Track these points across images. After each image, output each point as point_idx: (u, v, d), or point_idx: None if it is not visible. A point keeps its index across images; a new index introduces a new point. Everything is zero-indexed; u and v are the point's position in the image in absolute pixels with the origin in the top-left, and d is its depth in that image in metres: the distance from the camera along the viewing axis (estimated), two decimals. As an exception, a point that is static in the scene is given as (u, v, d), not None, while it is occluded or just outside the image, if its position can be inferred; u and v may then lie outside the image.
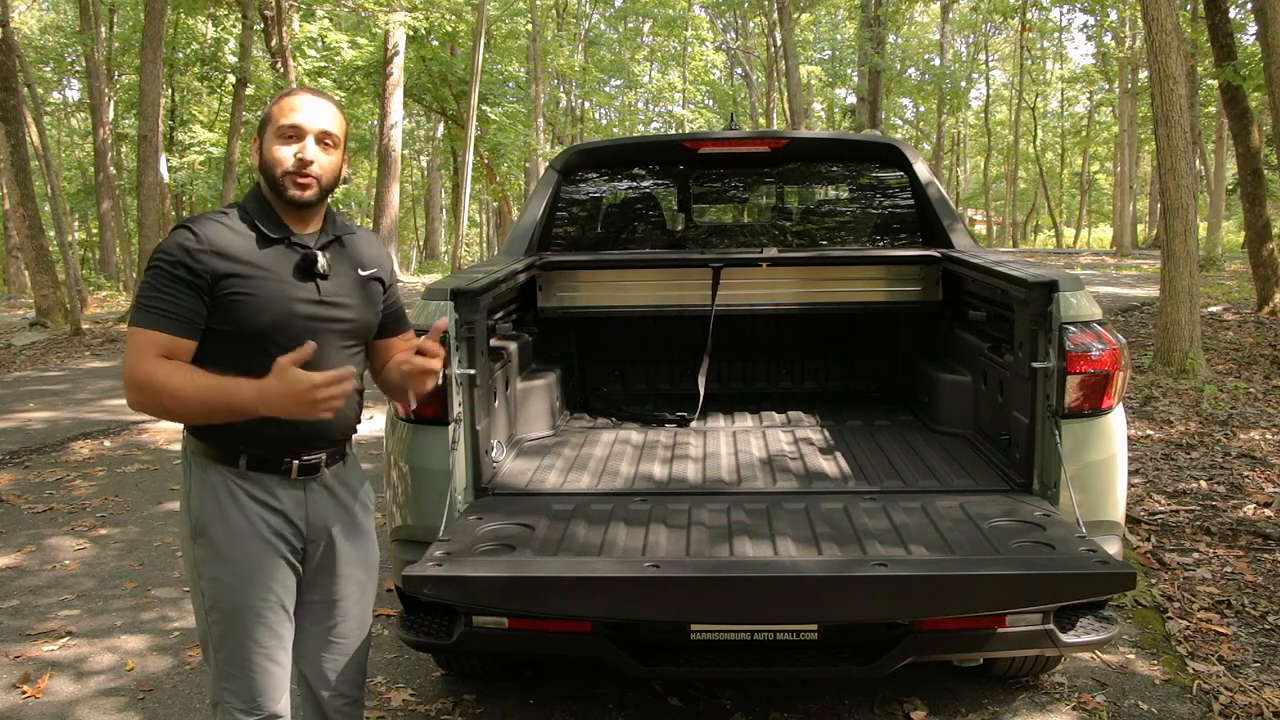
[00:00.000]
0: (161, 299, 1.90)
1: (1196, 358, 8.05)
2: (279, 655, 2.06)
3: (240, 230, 1.98)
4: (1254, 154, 12.15)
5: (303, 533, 2.08)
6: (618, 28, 37.74)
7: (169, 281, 1.90)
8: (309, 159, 2.00)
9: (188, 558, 2.05)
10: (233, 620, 2.00)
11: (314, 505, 2.09)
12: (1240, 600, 3.79)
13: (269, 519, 2.02)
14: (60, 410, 8.23)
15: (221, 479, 2.00)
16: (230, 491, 1.99)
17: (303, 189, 2.00)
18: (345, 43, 21.87)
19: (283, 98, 2.05)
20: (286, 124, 2.00)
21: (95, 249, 28.41)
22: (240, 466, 2.00)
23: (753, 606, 2.31)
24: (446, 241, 32.35)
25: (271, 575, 2.02)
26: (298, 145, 2.00)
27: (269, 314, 1.96)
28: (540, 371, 3.84)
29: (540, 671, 3.34)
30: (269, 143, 2.01)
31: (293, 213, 2.04)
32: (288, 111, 2.00)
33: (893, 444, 3.42)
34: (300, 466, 2.04)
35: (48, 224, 16.10)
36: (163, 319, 1.90)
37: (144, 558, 4.58)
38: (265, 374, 1.87)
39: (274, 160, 2.00)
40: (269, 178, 2.01)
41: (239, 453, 1.99)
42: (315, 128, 2.01)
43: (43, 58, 27.40)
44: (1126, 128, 30.19)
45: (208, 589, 2.01)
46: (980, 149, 45.94)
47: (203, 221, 1.97)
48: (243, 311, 1.94)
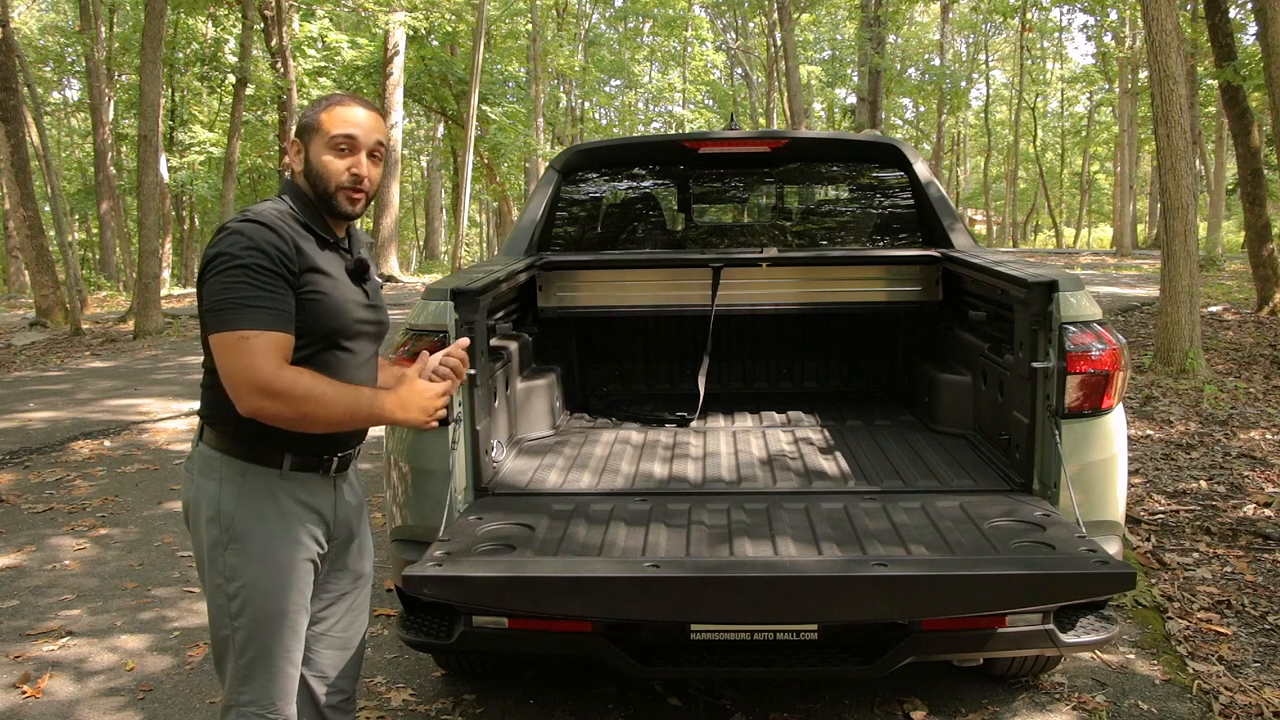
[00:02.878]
0: (269, 295, 1.85)
1: (1196, 358, 8.05)
2: (298, 657, 2.07)
3: (299, 231, 1.98)
4: (1254, 154, 12.15)
5: (331, 530, 2.10)
6: (618, 28, 37.74)
7: (272, 278, 1.86)
8: (364, 174, 2.00)
9: (213, 564, 1.99)
10: (262, 625, 1.98)
11: (341, 502, 2.12)
12: (1240, 600, 3.79)
13: (307, 520, 2.02)
14: (60, 410, 8.23)
15: (263, 482, 1.98)
16: (272, 494, 1.98)
17: (354, 203, 2.02)
18: (345, 43, 21.89)
19: (333, 106, 2.01)
20: (340, 135, 1.98)
21: (95, 249, 28.42)
22: (284, 468, 1.98)
23: (753, 606, 2.31)
24: (446, 241, 32.36)
25: (303, 579, 2.03)
26: (352, 159, 1.99)
27: (337, 316, 1.98)
28: (540, 371, 3.84)
29: (540, 671, 3.34)
30: (319, 152, 1.99)
31: (333, 220, 2.05)
32: (340, 123, 1.98)
33: (893, 444, 3.41)
34: (339, 462, 2.07)
35: (48, 224, 16.11)
36: (278, 318, 1.86)
37: (144, 558, 4.58)
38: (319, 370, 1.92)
39: (327, 172, 1.98)
40: (320, 188, 2.00)
41: (283, 453, 1.97)
42: (369, 141, 2.01)
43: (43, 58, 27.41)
44: (1126, 128, 30.18)
45: (237, 593, 1.97)
46: (980, 149, 45.94)
47: (270, 217, 1.94)
48: (317, 312, 1.95)
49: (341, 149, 1.98)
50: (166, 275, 20.91)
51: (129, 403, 8.54)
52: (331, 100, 2.04)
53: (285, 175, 2.11)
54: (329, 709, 2.22)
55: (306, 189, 2.02)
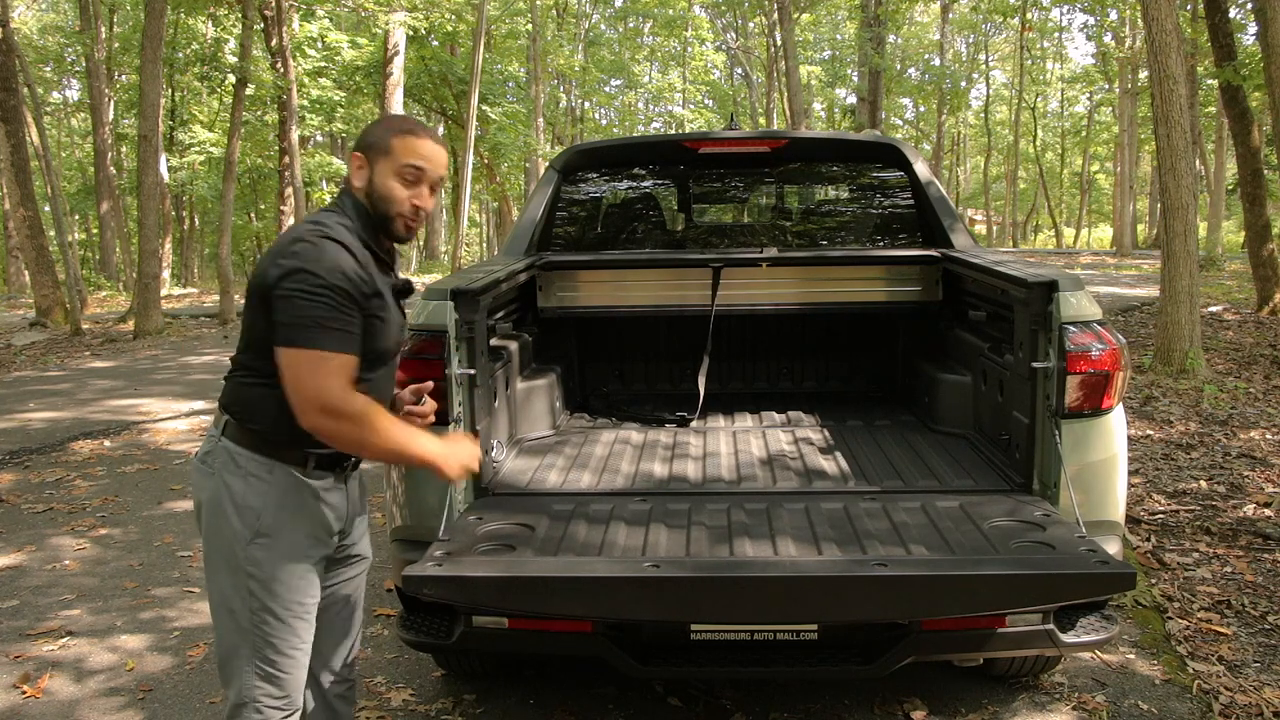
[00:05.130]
0: (346, 320, 1.90)
1: (1196, 358, 8.05)
2: (310, 651, 2.11)
3: (366, 253, 2.00)
4: (1254, 154, 12.15)
5: (344, 526, 2.14)
6: (618, 28, 37.74)
7: (349, 302, 1.91)
8: (426, 207, 2.05)
9: (235, 559, 1.99)
10: (283, 620, 2.01)
11: (350, 500, 2.15)
12: (1240, 600, 3.79)
13: (325, 518, 2.06)
14: (60, 410, 8.23)
15: (289, 480, 2.00)
16: (298, 492, 2.01)
17: (410, 231, 2.06)
18: (345, 43, 21.88)
19: (406, 135, 2.03)
20: (410, 165, 2.01)
21: (95, 249, 28.42)
22: (308, 466, 2.02)
23: (753, 606, 2.31)
24: (446, 241, 32.35)
25: (317, 575, 2.08)
26: (416, 190, 2.03)
27: (389, 337, 2.04)
28: (540, 371, 3.84)
29: (540, 671, 3.34)
30: (386, 176, 2.01)
31: (388, 241, 2.09)
32: (413, 154, 2.01)
33: (893, 444, 3.41)
34: (354, 463, 2.13)
35: (48, 224, 16.11)
36: (351, 341, 1.91)
37: (144, 558, 4.58)
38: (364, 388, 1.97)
39: (391, 197, 2.01)
40: (381, 211, 2.03)
41: (309, 453, 2.01)
42: (435, 176, 2.05)
43: (43, 58, 27.41)
44: (1126, 128, 30.19)
45: (259, 589, 1.99)
46: (980, 149, 45.94)
47: (347, 237, 1.96)
48: (378, 333, 2.00)
49: (409, 179, 2.02)
50: (166, 275, 20.92)
51: (129, 403, 8.55)
52: (405, 127, 2.06)
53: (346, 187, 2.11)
54: (335, 698, 2.25)
55: (366, 205, 2.04)
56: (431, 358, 2.65)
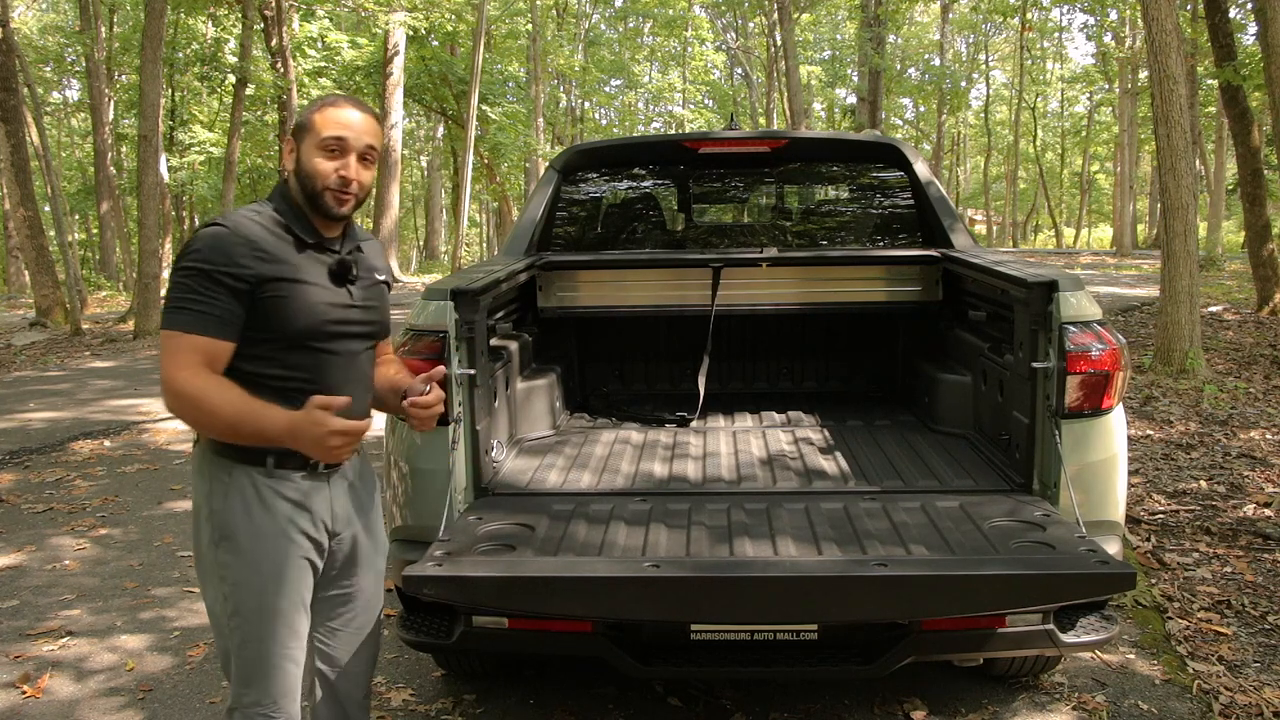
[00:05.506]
0: (201, 300, 1.88)
1: (1196, 358, 8.05)
2: (299, 655, 2.07)
3: (278, 232, 1.98)
4: (1254, 154, 12.15)
5: (328, 527, 2.09)
6: (618, 28, 37.74)
7: (208, 283, 1.88)
8: (352, 177, 2.00)
9: (208, 564, 2.01)
10: (257, 623, 1.99)
11: (338, 499, 2.11)
12: (1240, 600, 3.79)
13: (296, 517, 2.02)
14: (60, 410, 8.23)
15: (248, 480, 1.98)
16: (258, 492, 1.98)
17: (342, 204, 2.02)
18: (345, 43, 21.87)
19: (326, 107, 2.02)
20: (331, 136, 1.99)
21: (95, 249, 28.42)
22: (268, 465, 1.99)
23: (753, 606, 2.31)
24: (446, 241, 32.36)
25: (296, 576, 2.03)
26: (340, 161, 1.99)
27: (306, 318, 1.98)
28: (540, 371, 3.84)
29: (540, 671, 3.34)
30: (310, 153, 2.00)
31: (323, 220, 2.05)
32: (332, 124, 1.99)
33: (893, 444, 3.41)
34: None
35: (48, 224, 16.11)
36: (202, 321, 1.88)
37: (144, 558, 4.58)
38: (299, 374, 1.95)
39: (316, 173, 1.99)
40: (309, 189, 2.01)
41: (266, 453, 1.98)
42: (360, 144, 2.01)
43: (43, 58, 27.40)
44: (1126, 128, 30.19)
45: (231, 593, 1.99)
46: (980, 149, 45.94)
47: (241, 221, 1.96)
48: (282, 315, 1.95)
49: (332, 150, 1.99)
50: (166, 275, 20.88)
51: (129, 403, 8.55)
52: (326, 101, 2.05)
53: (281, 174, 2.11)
54: (351, 704, 2.23)
55: (296, 189, 2.03)
56: (431, 358, 2.66)
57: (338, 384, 2.03)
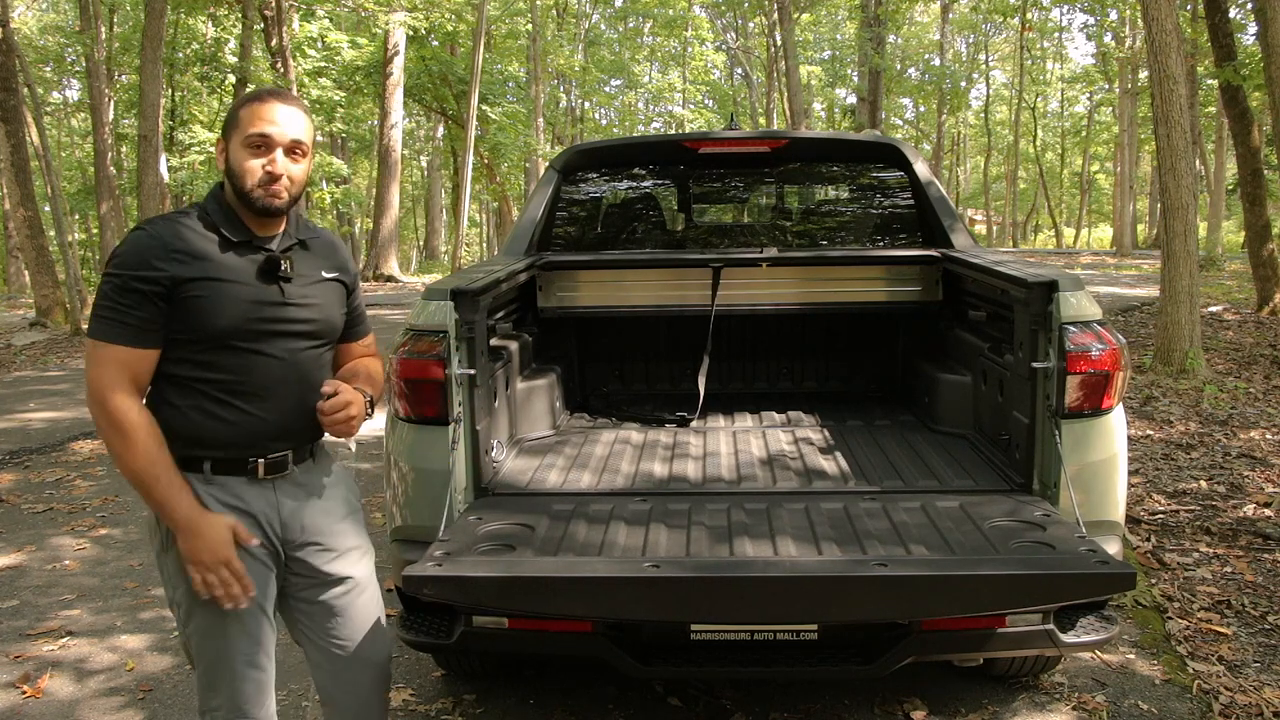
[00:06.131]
0: (118, 309, 1.87)
1: (1196, 358, 8.05)
2: (261, 660, 2.03)
3: (201, 232, 1.95)
4: (1254, 154, 12.15)
5: (277, 533, 2.05)
6: (618, 28, 37.72)
7: (126, 293, 1.87)
8: (279, 173, 1.96)
9: (161, 571, 2.02)
10: (210, 629, 1.97)
11: (288, 505, 2.06)
12: (1240, 600, 3.79)
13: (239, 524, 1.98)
14: (60, 410, 8.23)
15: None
16: (197, 499, 1.95)
17: (274, 198, 1.97)
18: (345, 43, 21.86)
19: (250, 103, 1.98)
20: (255, 134, 1.95)
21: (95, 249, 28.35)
22: (205, 471, 1.97)
23: (753, 606, 2.30)
24: (446, 241, 32.35)
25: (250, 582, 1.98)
26: (266, 158, 1.95)
27: (228, 317, 1.94)
28: (540, 371, 3.84)
29: (540, 671, 3.34)
30: (236, 150, 1.97)
31: (257, 217, 2.01)
32: (256, 120, 1.95)
33: (893, 444, 3.41)
34: (267, 465, 2.02)
35: (48, 224, 16.10)
36: (120, 330, 1.87)
37: (144, 558, 4.58)
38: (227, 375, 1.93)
39: (242, 170, 1.96)
40: (237, 187, 1.97)
41: (202, 458, 1.97)
42: (285, 139, 1.97)
43: (43, 58, 27.38)
44: (1126, 128, 30.18)
45: (183, 600, 1.97)
46: (980, 149, 45.93)
47: (161, 224, 1.94)
48: (202, 314, 1.91)
49: (257, 147, 1.96)
50: (166, 275, 20.84)
51: (129, 403, 8.54)
52: (251, 96, 2.00)
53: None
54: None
55: (229, 187, 2.01)
56: (431, 358, 2.65)
57: (270, 385, 1.99)
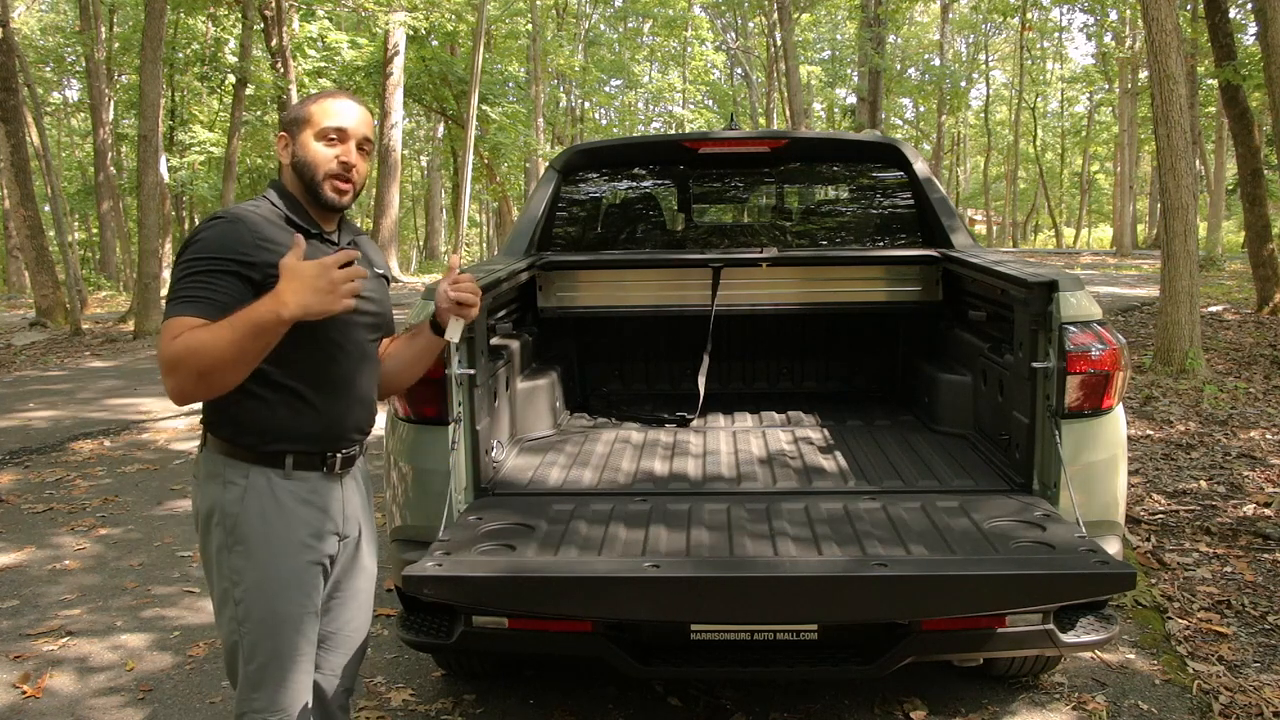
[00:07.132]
0: (211, 288, 1.83)
1: (1196, 358, 8.06)
2: (308, 662, 2.05)
3: (279, 225, 1.98)
4: (1254, 154, 12.16)
5: (339, 529, 2.08)
6: (618, 28, 37.74)
7: (217, 275, 1.85)
8: (353, 163, 2.03)
9: (218, 567, 1.99)
10: (269, 629, 1.97)
11: (349, 499, 2.11)
12: (1240, 600, 3.79)
13: (312, 520, 2.00)
14: (61, 410, 8.23)
15: (266, 483, 1.96)
16: (274, 495, 1.97)
17: (341, 193, 2.03)
18: (345, 43, 21.89)
19: (323, 99, 2.05)
20: (331, 126, 2.01)
21: (95, 249, 28.42)
22: (286, 467, 1.98)
23: (753, 606, 2.30)
24: (446, 241, 32.34)
25: (309, 582, 2.01)
26: (341, 149, 2.01)
27: None
28: (540, 371, 3.84)
29: (540, 671, 3.34)
30: (308, 143, 2.01)
31: (321, 212, 2.06)
32: (331, 114, 2.02)
33: (893, 444, 3.41)
34: (343, 459, 2.07)
35: (48, 224, 16.11)
36: (209, 307, 1.81)
37: (144, 557, 4.58)
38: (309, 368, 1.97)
39: (315, 161, 2.01)
40: (307, 178, 2.01)
41: (284, 453, 1.98)
42: (359, 133, 2.04)
43: (43, 58, 27.42)
44: (1126, 128, 30.19)
45: (242, 597, 1.96)
46: (980, 149, 45.95)
47: (245, 214, 1.95)
48: None
49: (331, 139, 2.01)
50: (166, 275, 20.90)
51: (129, 402, 8.55)
52: (322, 94, 2.08)
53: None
54: (337, 709, 2.22)
55: (292, 182, 2.04)
56: None
57: (346, 377, 2.04)
